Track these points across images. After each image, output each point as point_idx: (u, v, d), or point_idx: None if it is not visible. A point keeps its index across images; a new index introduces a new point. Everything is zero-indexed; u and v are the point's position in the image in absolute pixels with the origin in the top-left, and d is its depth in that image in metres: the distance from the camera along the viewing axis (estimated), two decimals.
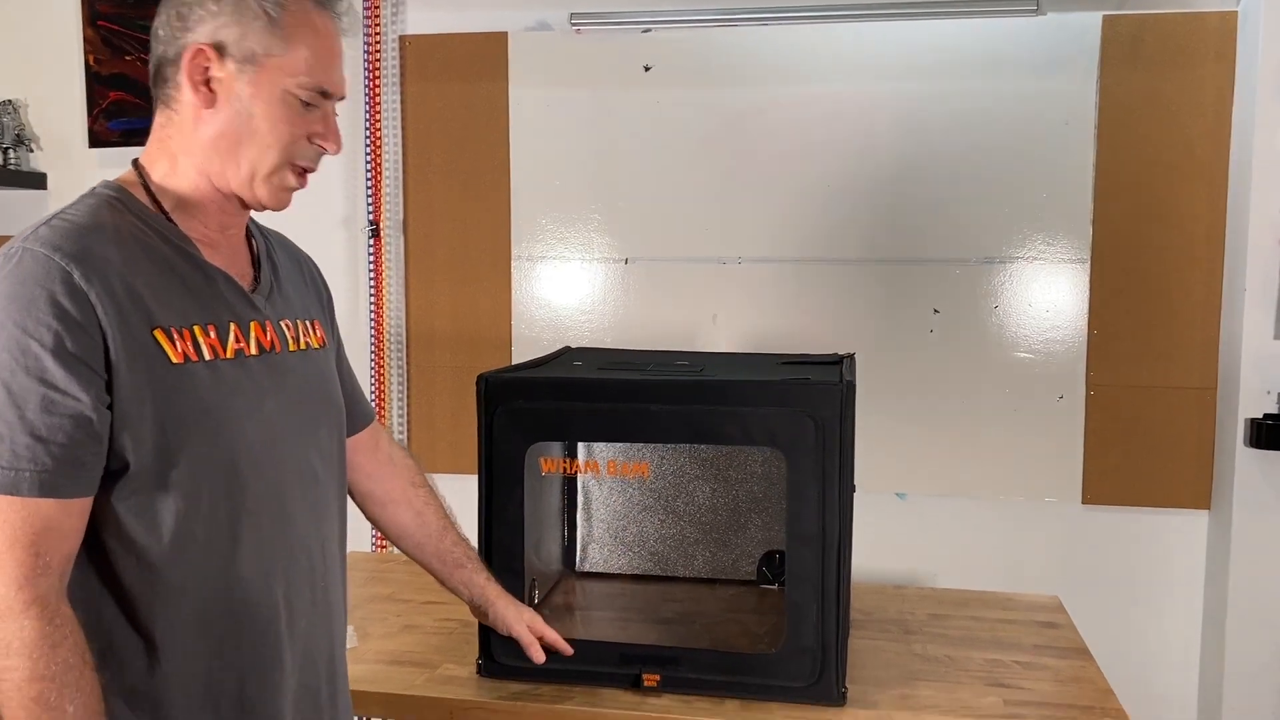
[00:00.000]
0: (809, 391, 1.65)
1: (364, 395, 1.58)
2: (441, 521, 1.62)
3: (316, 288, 1.42)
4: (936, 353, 2.87)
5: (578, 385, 1.76)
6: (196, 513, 1.12)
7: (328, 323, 1.42)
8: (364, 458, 1.56)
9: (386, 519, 1.61)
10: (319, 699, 1.28)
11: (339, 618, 1.34)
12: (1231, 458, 2.64)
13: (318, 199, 3.15)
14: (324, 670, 1.29)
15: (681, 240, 2.98)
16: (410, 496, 1.60)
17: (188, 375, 1.12)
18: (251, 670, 1.17)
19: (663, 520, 2.21)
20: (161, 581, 1.11)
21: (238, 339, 1.19)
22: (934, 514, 2.91)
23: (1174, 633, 2.82)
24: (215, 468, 1.13)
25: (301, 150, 1.22)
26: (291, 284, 1.34)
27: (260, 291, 1.26)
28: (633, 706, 1.65)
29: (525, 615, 1.67)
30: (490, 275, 3.08)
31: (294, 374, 1.26)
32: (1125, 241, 2.75)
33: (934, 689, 1.72)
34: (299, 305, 1.33)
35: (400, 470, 1.60)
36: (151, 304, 1.11)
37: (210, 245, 1.22)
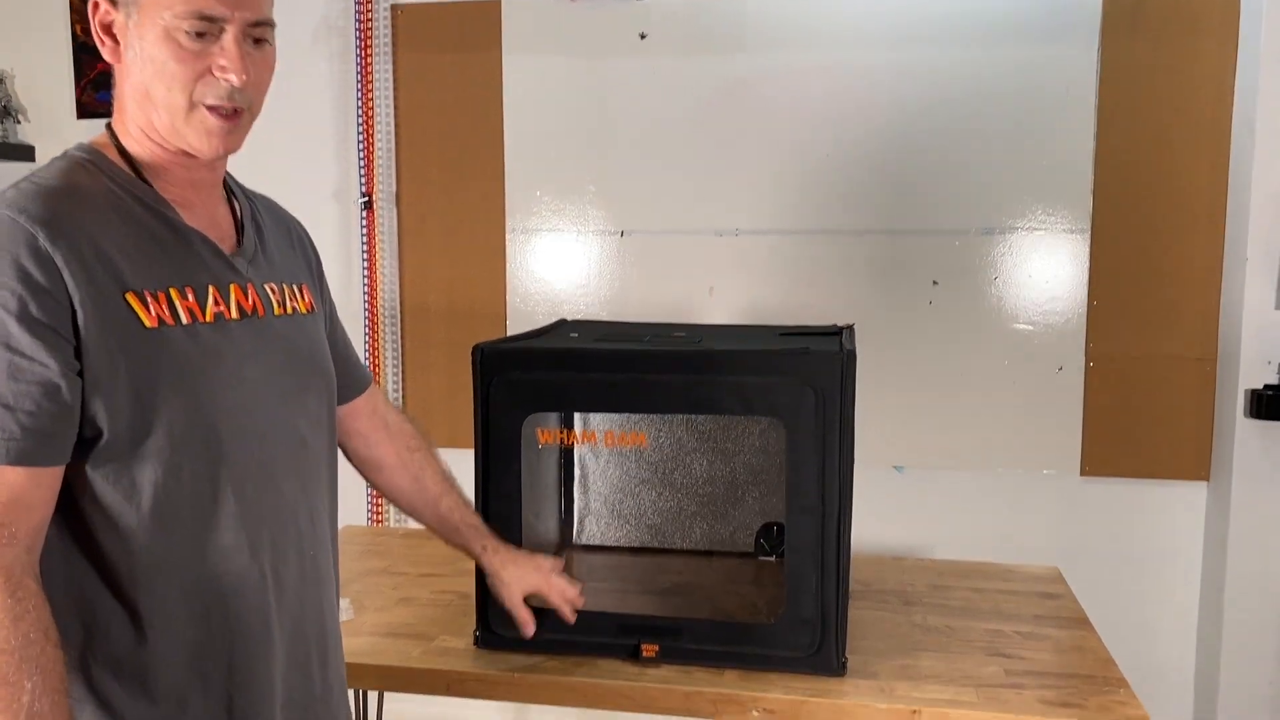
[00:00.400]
0: (809, 361, 1.62)
1: (359, 360, 1.55)
2: (440, 487, 1.60)
3: (305, 252, 1.39)
4: (935, 324, 2.85)
5: (575, 355, 1.73)
6: (177, 481, 1.10)
7: (317, 288, 1.38)
8: (360, 423, 1.53)
9: (384, 484, 1.60)
10: (309, 669, 1.26)
11: (330, 587, 1.32)
12: (1231, 429, 2.63)
13: (310, 171, 3.12)
14: (315, 640, 1.27)
15: (678, 212, 2.95)
16: (407, 461, 1.58)
17: (163, 340, 1.09)
18: (239, 640, 1.15)
19: (660, 493, 2.20)
20: (143, 551, 1.08)
21: (217, 302, 1.15)
22: (932, 487, 2.90)
23: (1171, 604, 2.82)
24: (195, 435, 1.11)
25: (208, 87, 1.12)
26: (277, 247, 1.31)
27: (242, 254, 1.22)
28: (632, 677, 1.64)
29: (528, 581, 1.65)
30: (484, 248, 3.05)
31: (279, 339, 1.23)
32: (1126, 212, 2.72)
33: (935, 659, 1.71)
34: (285, 269, 1.30)
35: (397, 435, 1.57)
36: (123, 267, 1.07)
37: (188, 207, 1.18)
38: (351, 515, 3.10)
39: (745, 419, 2.13)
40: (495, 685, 1.66)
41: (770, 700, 1.58)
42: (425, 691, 1.69)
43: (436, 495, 1.59)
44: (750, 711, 1.59)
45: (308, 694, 1.26)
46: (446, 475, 1.61)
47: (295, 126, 3.09)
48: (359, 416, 1.53)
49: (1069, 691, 1.58)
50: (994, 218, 2.80)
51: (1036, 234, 2.79)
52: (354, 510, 3.15)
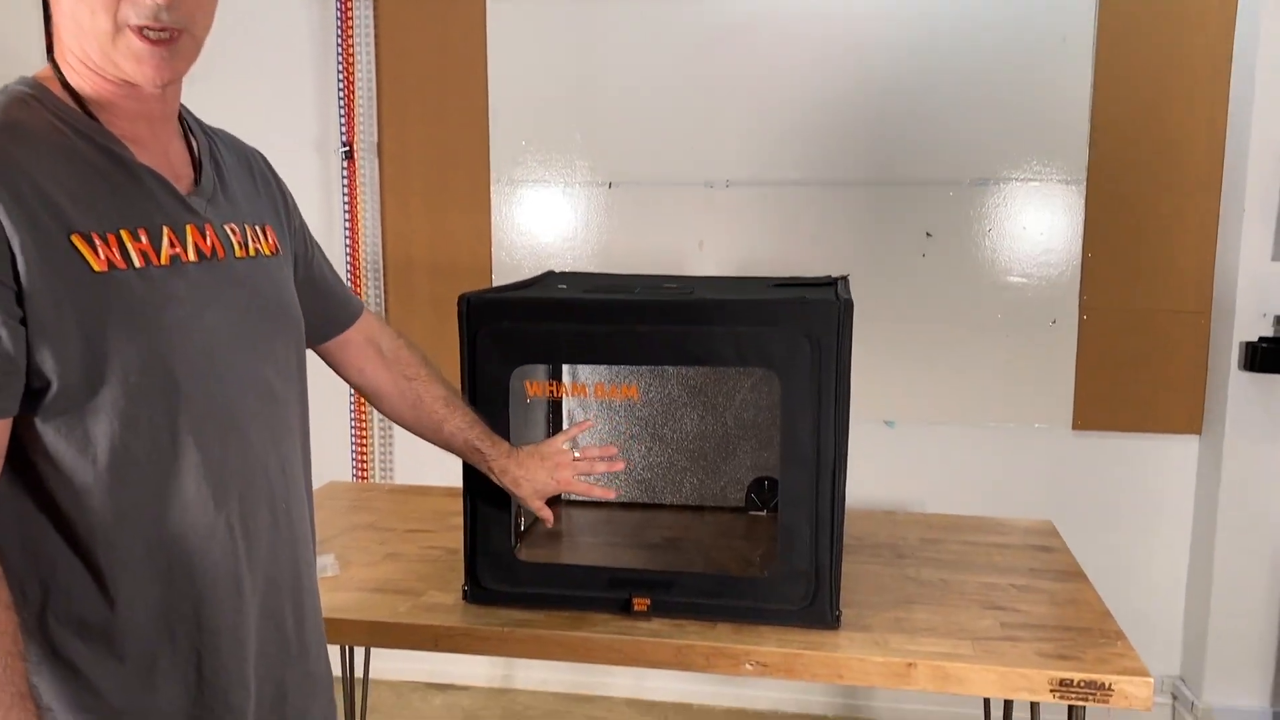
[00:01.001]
0: (805, 310, 1.58)
1: (349, 290, 1.51)
2: (442, 411, 1.57)
3: (270, 189, 1.31)
4: (928, 277, 2.81)
5: (564, 306, 1.69)
6: (134, 433, 1.04)
7: (285, 226, 1.31)
8: (354, 353, 1.50)
9: (386, 411, 1.58)
10: (284, 626, 1.22)
11: (305, 541, 1.27)
12: (1224, 382, 2.61)
13: (288, 120, 3.04)
14: (289, 596, 1.23)
15: (667, 163, 2.89)
16: (404, 390, 1.55)
17: (115, 284, 1.03)
18: (208, 597, 1.11)
19: (650, 447, 2.16)
20: (101, 508, 1.03)
21: (172, 244, 1.09)
22: (923, 441, 2.88)
23: (1161, 557, 2.82)
24: (152, 384, 1.05)
25: (131, 7, 1.02)
26: (239, 186, 1.24)
27: (200, 193, 1.16)
28: (623, 631, 1.61)
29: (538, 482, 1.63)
30: (469, 200, 2.99)
31: (241, 283, 1.17)
32: (1122, 162, 2.68)
33: (929, 612, 1.69)
34: (247, 209, 1.23)
35: (393, 363, 1.54)
36: (69, 208, 1.01)
37: (139, 143, 1.11)
38: (337, 470, 3.06)
39: (737, 372, 2.09)
40: (484, 640, 1.63)
41: (763, 653, 1.56)
42: (413, 646, 1.66)
43: (439, 420, 1.57)
44: (743, 664, 1.57)
45: (283, 651, 1.22)
46: (448, 399, 1.57)
47: (272, 73, 3.01)
48: (352, 347, 1.49)
49: (1066, 644, 1.57)
50: (988, 168, 2.76)
51: (1031, 185, 2.75)
52: (339, 466, 3.11)
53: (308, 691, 1.26)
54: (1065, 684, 1.48)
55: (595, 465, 1.68)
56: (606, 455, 1.71)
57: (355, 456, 3.11)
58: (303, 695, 1.25)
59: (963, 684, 1.51)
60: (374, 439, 3.11)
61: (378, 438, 3.11)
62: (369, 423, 3.10)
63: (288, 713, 1.22)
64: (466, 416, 1.59)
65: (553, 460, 1.65)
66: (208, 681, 1.11)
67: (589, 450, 1.71)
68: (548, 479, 1.64)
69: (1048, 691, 1.48)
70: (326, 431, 3.11)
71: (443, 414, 1.57)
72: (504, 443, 1.63)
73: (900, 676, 1.52)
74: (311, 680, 1.27)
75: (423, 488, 2.42)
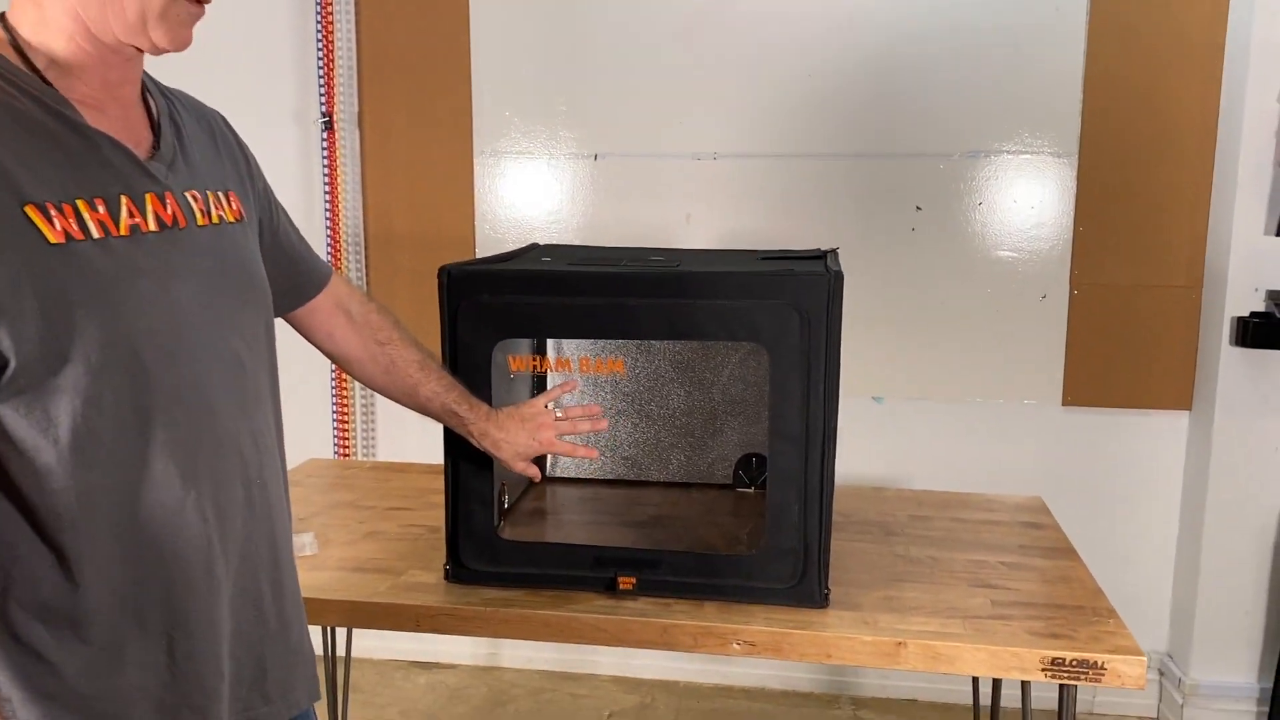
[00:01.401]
0: (795, 283, 1.55)
1: (316, 255, 1.46)
2: (417, 375, 1.53)
3: (232, 152, 1.26)
4: (918, 251, 2.78)
5: (548, 278, 1.64)
6: (98, 411, 1.00)
7: (248, 191, 1.27)
8: (322, 319, 1.46)
9: (359, 377, 1.55)
10: (261, 605, 1.19)
11: (280, 517, 1.24)
12: (1215, 357, 2.59)
13: (266, 90, 2.98)
14: (266, 574, 1.19)
15: (654, 135, 2.84)
16: (376, 355, 1.51)
17: (74, 256, 0.98)
18: (178, 578, 1.07)
19: (636, 424, 2.13)
20: (64, 489, 0.99)
21: (132, 213, 1.04)
22: (912, 418, 2.86)
23: (1150, 533, 2.81)
24: (116, 360, 1.01)
25: None
26: (199, 150, 1.19)
27: (160, 159, 1.11)
28: (608, 610, 1.58)
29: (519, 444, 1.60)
30: (451, 172, 2.93)
31: (205, 252, 1.13)
32: (1114, 134, 2.65)
33: (918, 590, 1.67)
34: (208, 174, 1.18)
35: (363, 328, 1.50)
36: (21, 178, 0.96)
37: (96, 108, 1.06)
38: (317, 448, 3.02)
39: (724, 347, 2.06)
40: (466, 620, 1.59)
41: (751, 632, 1.53)
42: (393, 627, 1.62)
43: (413, 385, 1.53)
44: (731, 644, 1.54)
45: (261, 630, 1.19)
46: (423, 363, 1.54)
47: (250, 42, 2.95)
48: (321, 313, 1.45)
49: (1058, 623, 1.54)
50: (979, 141, 2.72)
51: (1022, 158, 2.71)
52: (320, 443, 3.06)
53: (289, 666, 1.23)
54: (1057, 663, 1.46)
55: (578, 425, 1.65)
56: (590, 415, 1.67)
57: (336, 434, 3.07)
58: (284, 670, 1.22)
59: (953, 663, 1.49)
60: (355, 416, 3.07)
61: (359, 414, 3.07)
62: (350, 399, 3.05)
63: (269, 689, 1.20)
64: (443, 380, 1.55)
65: (534, 421, 1.61)
66: (179, 664, 1.08)
67: (571, 410, 1.68)
68: (529, 440, 1.61)
69: (1039, 671, 1.46)
70: (307, 408, 3.08)
71: (417, 378, 1.53)
72: (483, 405, 1.59)
73: (889, 656, 1.50)
74: (293, 655, 1.24)
75: (404, 465, 2.38)
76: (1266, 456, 2.59)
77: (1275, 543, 2.62)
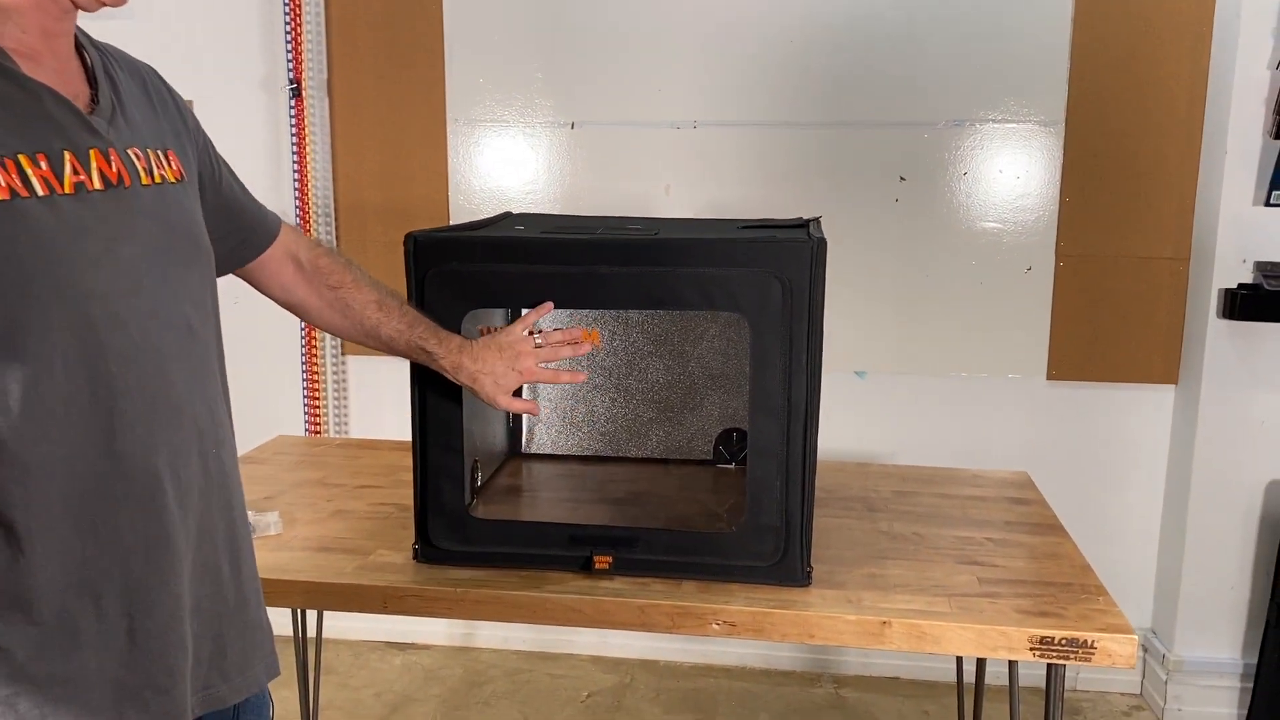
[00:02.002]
0: (776, 250, 1.49)
1: (263, 207, 1.40)
2: (377, 315, 1.46)
3: (168, 109, 1.20)
4: (901, 222, 2.72)
5: (520, 246, 1.58)
6: (49, 379, 0.95)
7: (188, 148, 1.20)
8: (273, 270, 1.40)
9: (319, 324, 1.48)
10: (221, 577, 1.14)
11: (236, 488, 1.19)
12: (1203, 330, 2.55)
13: (232, 56, 2.88)
14: (225, 545, 1.15)
15: (632, 103, 2.77)
16: (330, 300, 1.44)
17: (17, 214, 0.92)
18: (136, 552, 1.02)
19: (613, 398, 2.07)
20: (14, 460, 0.94)
21: (76, 170, 0.99)
22: (895, 392, 2.81)
23: (1135, 509, 2.78)
24: (66, 325, 0.96)
25: None
26: (137, 107, 1.13)
27: (100, 113, 1.05)
28: (583, 590, 1.53)
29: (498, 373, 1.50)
30: (424, 141, 2.85)
31: (151, 213, 1.07)
32: (1101, 103, 2.59)
33: (903, 567, 1.62)
34: (147, 132, 1.12)
35: (313, 275, 1.43)
36: None
37: (32, 58, 1.00)
38: (287, 425, 2.95)
39: (703, 318, 2.00)
40: (435, 601, 1.54)
41: (731, 612, 1.48)
42: (359, 609, 1.56)
43: (374, 326, 1.46)
44: (710, 625, 1.49)
45: (222, 604, 1.15)
46: (381, 302, 1.46)
47: (213, 4, 2.85)
48: (271, 264, 1.39)
49: (1046, 600, 1.50)
50: (964, 109, 2.66)
51: (1008, 126, 2.66)
52: (290, 420, 2.99)
53: (248, 643, 1.19)
54: (1045, 642, 1.41)
55: (559, 350, 1.54)
56: (571, 339, 1.56)
57: (307, 410, 2.99)
58: (243, 647, 1.18)
59: (939, 643, 1.44)
60: (327, 391, 2.99)
61: (331, 390, 3.00)
62: (321, 375, 2.98)
63: (228, 668, 1.16)
64: (405, 317, 1.48)
65: (512, 350, 1.51)
66: (140, 644, 1.03)
67: (551, 335, 1.56)
68: (507, 370, 1.50)
69: (1027, 650, 1.42)
70: (276, 385, 3.00)
71: (376, 318, 1.45)
72: (455, 337, 1.50)
73: (874, 636, 1.45)
74: (251, 631, 1.20)
75: (375, 441, 2.32)
76: (1253, 431, 2.56)
77: (1261, 518, 2.59)
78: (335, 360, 2.97)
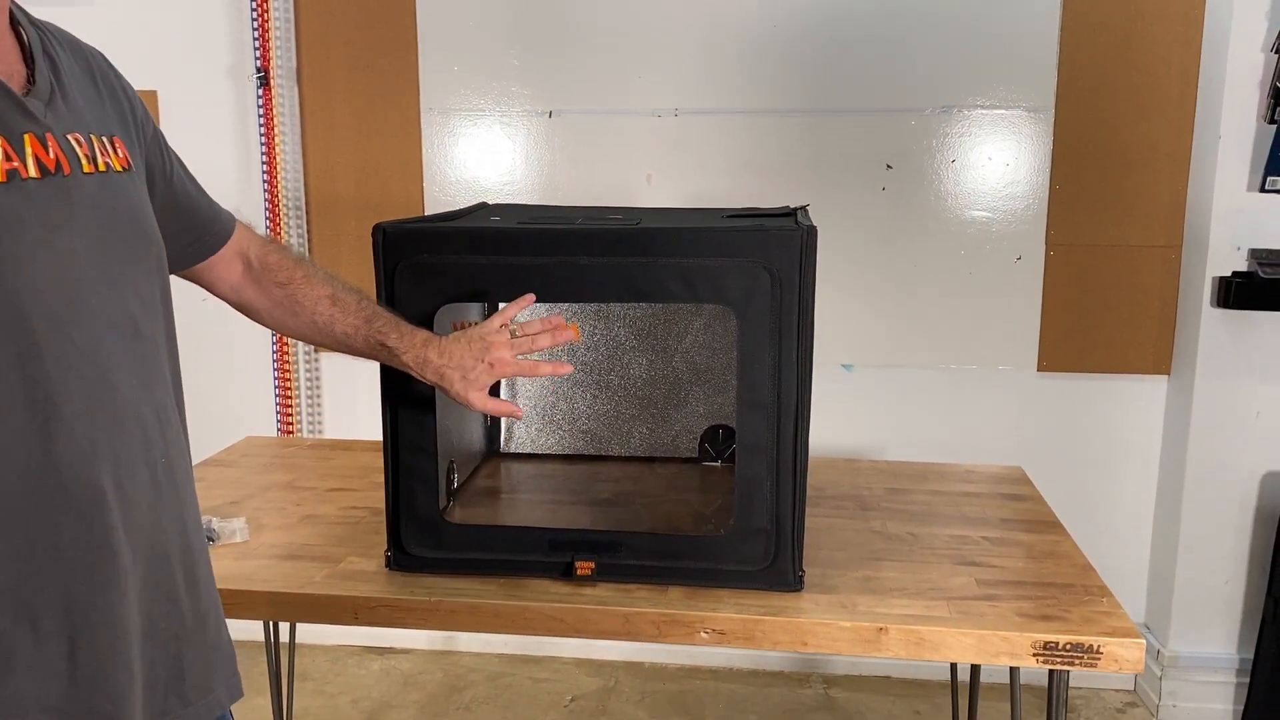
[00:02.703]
0: (764, 239, 1.42)
1: (217, 204, 1.31)
2: (330, 311, 1.35)
3: (115, 94, 1.11)
4: (888, 211, 2.66)
5: (495, 236, 1.50)
6: None
7: (135, 137, 1.12)
8: (220, 271, 1.32)
9: (271, 325, 1.39)
10: (176, 596, 1.06)
11: (190, 499, 1.12)
12: (1196, 320, 2.50)
13: (196, 44, 2.78)
14: (179, 560, 1.07)
15: (612, 91, 2.69)
16: (280, 298, 1.35)
17: None
18: (77, 571, 0.95)
19: (595, 396, 1.99)
20: None
21: (9, 157, 0.91)
22: (882, 386, 2.75)
23: (1128, 502, 2.73)
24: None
25: None
26: (80, 90, 1.05)
27: (36, 95, 0.97)
28: (564, 598, 1.45)
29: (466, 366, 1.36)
30: (397, 131, 2.76)
31: (93, 203, 0.99)
32: (1092, 88, 2.54)
33: (899, 570, 1.56)
34: (91, 117, 1.04)
35: (261, 273, 1.34)
36: None
37: None
38: (259, 425, 2.86)
39: (687, 311, 1.93)
40: (409, 612, 1.46)
41: (720, 620, 1.41)
42: (329, 621, 1.48)
43: (327, 322, 1.35)
44: (698, 633, 1.42)
45: (178, 625, 1.08)
46: (335, 297, 1.36)
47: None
48: (220, 264, 1.31)
49: (1048, 603, 1.44)
50: (952, 95, 2.60)
51: (997, 113, 2.59)
52: (263, 421, 2.90)
53: (208, 664, 1.11)
54: (1049, 647, 1.35)
55: (537, 340, 1.39)
56: (549, 328, 1.40)
57: (279, 410, 2.90)
58: (203, 669, 1.10)
59: (938, 650, 1.37)
60: (299, 389, 2.90)
61: (304, 388, 2.91)
62: (294, 371, 2.89)
63: (187, 691, 1.08)
64: (363, 311, 1.36)
65: (484, 341, 1.37)
66: (81, 668, 0.96)
67: (529, 325, 1.41)
68: (476, 363, 1.36)
69: (1030, 656, 1.35)
70: (247, 384, 2.91)
71: (329, 314, 1.34)
72: (421, 331, 1.38)
73: (870, 643, 1.38)
74: (211, 651, 1.12)
75: (349, 442, 2.24)
76: (1247, 421, 2.51)
77: (1256, 510, 2.55)
78: (308, 356, 2.88)
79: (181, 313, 1.14)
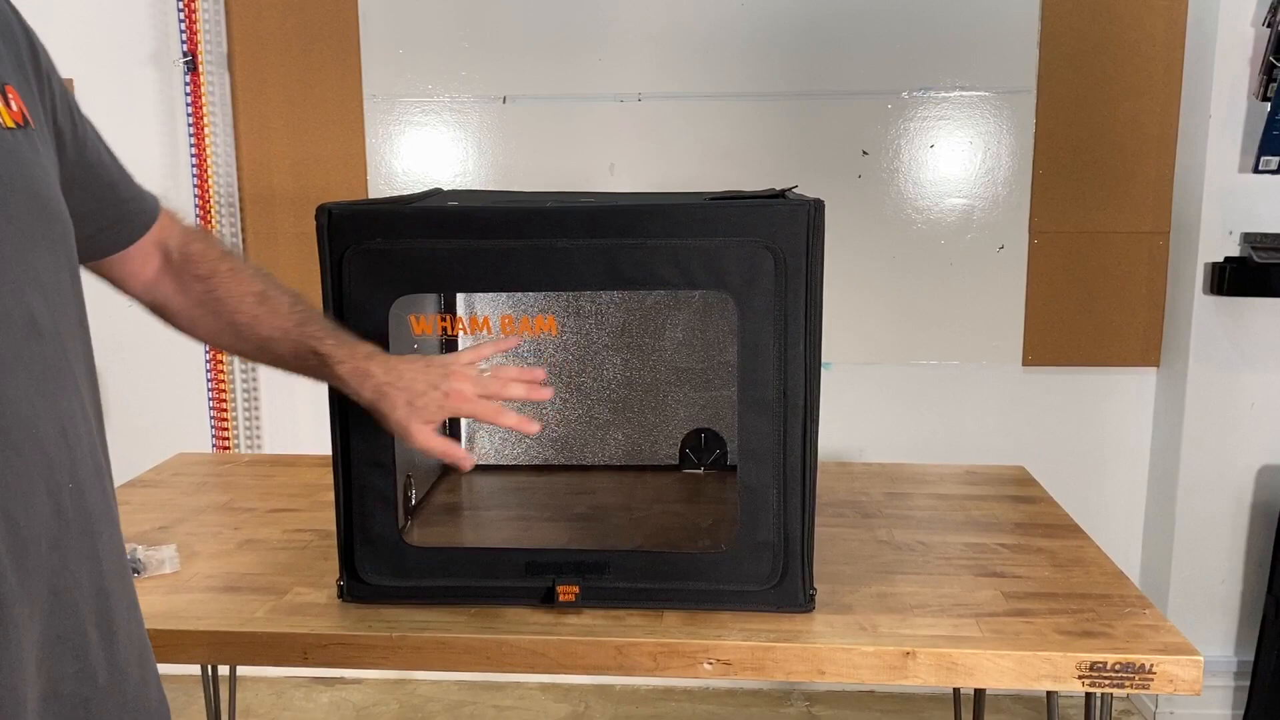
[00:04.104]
0: (768, 215, 1.26)
1: (138, 184, 1.10)
2: (255, 311, 1.14)
3: (9, 33, 0.91)
4: (864, 200, 2.53)
5: (459, 218, 1.32)
6: None
7: (35, 90, 0.92)
8: (138, 264, 1.11)
9: (186, 329, 1.17)
10: (85, 650, 0.87)
11: (107, 530, 0.91)
12: (1188, 308, 2.40)
13: (117, 29, 2.55)
14: (90, 607, 0.87)
15: (570, 74, 2.52)
16: (199, 297, 1.14)
17: None
18: None
19: (566, 399, 1.82)
20: None
21: None
22: (861, 384, 2.62)
23: (1118, 499, 2.63)
24: None
25: None
26: None
27: None
28: (546, 629, 1.28)
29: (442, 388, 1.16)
30: (338, 119, 2.56)
31: None
32: (1075, 68, 2.43)
33: (915, 584, 1.40)
34: None
35: (180, 266, 1.14)
36: None
37: None
38: (192, 441, 2.63)
39: (665, 305, 1.76)
40: (367, 649, 1.27)
41: (725, 648, 1.24)
42: (274, 663, 1.29)
43: (250, 323, 1.14)
44: (701, 664, 1.25)
45: (87, 685, 0.88)
46: (263, 296, 1.15)
47: None
48: (136, 257, 1.11)
49: (1086, 617, 1.29)
50: (929, 76, 2.47)
51: (976, 95, 2.48)
52: (195, 436, 2.67)
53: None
54: (1097, 668, 1.20)
55: (508, 388, 1.20)
56: (529, 378, 1.23)
57: (214, 423, 2.67)
58: None
59: (972, 675, 1.22)
60: (236, 399, 2.68)
61: (240, 397, 2.68)
62: (229, 382, 2.66)
63: None
64: (295, 314, 1.16)
65: (443, 368, 1.18)
66: None
67: (505, 370, 1.23)
68: (429, 389, 1.16)
69: (1075, 679, 1.21)
70: (177, 395, 2.68)
71: (253, 313, 1.13)
72: (366, 344, 1.18)
73: (896, 670, 1.22)
74: (132, 713, 0.93)
75: (291, 457, 2.03)
76: (1242, 413, 2.41)
77: (1253, 505, 2.45)
78: (245, 363, 2.66)
79: (99, 309, 0.95)
